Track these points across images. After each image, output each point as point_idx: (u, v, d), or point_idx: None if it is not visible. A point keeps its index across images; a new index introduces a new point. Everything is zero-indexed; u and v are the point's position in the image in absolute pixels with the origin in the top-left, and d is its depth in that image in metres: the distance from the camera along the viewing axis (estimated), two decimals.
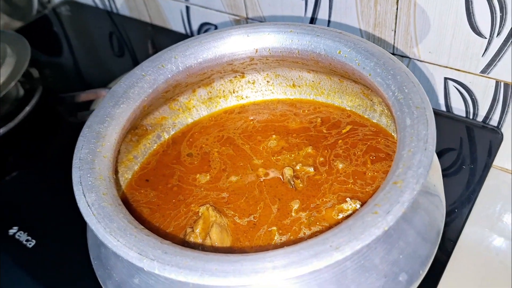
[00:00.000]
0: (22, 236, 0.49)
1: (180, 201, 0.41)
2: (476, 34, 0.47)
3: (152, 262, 0.25)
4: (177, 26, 0.78)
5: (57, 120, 0.66)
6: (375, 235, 0.26)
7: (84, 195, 0.29)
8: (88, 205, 0.29)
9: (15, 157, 0.61)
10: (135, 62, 0.75)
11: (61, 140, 0.62)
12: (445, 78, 0.54)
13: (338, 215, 0.38)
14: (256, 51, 0.42)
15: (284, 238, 0.37)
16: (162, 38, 0.78)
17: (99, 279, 0.34)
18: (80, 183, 0.30)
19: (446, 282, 0.41)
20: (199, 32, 0.76)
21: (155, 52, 0.72)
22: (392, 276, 0.30)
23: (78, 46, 0.83)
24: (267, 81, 0.49)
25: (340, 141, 0.43)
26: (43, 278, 0.46)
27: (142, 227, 0.29)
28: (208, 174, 0.43)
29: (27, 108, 0.63)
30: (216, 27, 0.72)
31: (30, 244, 0.49)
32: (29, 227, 0.50)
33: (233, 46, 0.42)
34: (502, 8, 0.44)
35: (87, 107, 0.64)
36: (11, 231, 0.50)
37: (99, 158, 0.32)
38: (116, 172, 0.36)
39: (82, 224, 0.49)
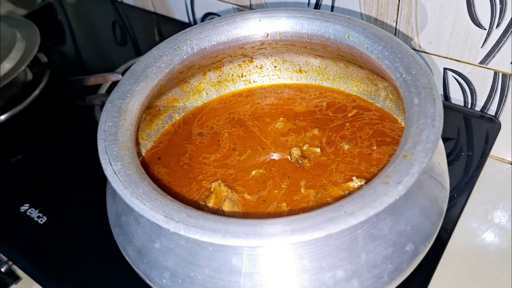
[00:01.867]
0: (33, 213, 0.51)
1: (190, 179, 0.43)
2: (476, 25, 0.49)
3: (177, 224, 0.27)
4: (181, 15, 0.79)
5: (65, 104, 0.67)
6: (387, 203, 0.27)
7: (110, 164, 0.31)
8: (115, 173, 0.30)
9: (25, 138, 0.62)
10: (137, 51, 0.76)
11: (70, 122, 0.63)
12: (445, 69, 0.55)
13: (344, 193, 0.40)
14: (267, 35, 0.44)
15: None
16: (166, 28, 0.79)
17: (119, 246, 0.35)
18: (106, 152, 0.31)
19: (445, 265, 0.43)
20: (202, 21, 0.77)
21: (161, 40, 0.74)
22: (400, 246, 0.31)
23: (81, 35, 0.84)
24: (274, 66, 0.51)
25: (348, 123, 0.45)
26: (55, 253, 0.47)
27: (165, 193, 0.30)
28: (218, 153, 0.44)
29: (36, 92, 0.63)
30: None
31: (41, 221, 0.50)
32: (40, 204, 0.51)
33: (245, 30, 0.43)
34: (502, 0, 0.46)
35: (94, 91, 0.65)
36: (22, 208, 0.51)
37: (122, 130, 0.34)
38: (137, 144, 0.38)
39: (91, 201, 0.50)
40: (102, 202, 0.44)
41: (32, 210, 0.51)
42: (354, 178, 0.40)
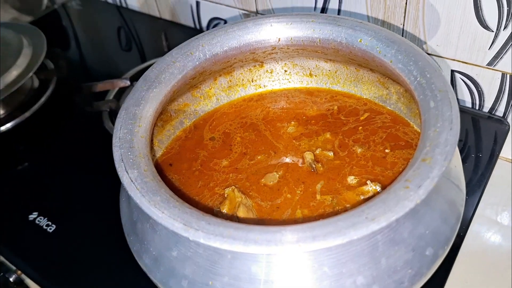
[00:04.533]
0: (42, 221, 0.50)
1: (201, 186, 0.42)
2: (483, 27, 0.49)
3: (197, 232, 0.27)
4: (187, 20, 0.79)
5: (72, 110, 0.66)
6: (408, 207, 0.27)
7: (127, 171, 0.30)
8: (131, 181, 0.30)
9: (32, 145, 0.62)
10: (143, 57, 0.76)
11: (77, 129, 0.63)
12: (452, 71, 0.55)
13: (359, 197, 0.39)
14: (279, 40, 0.44)
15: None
16: (171, 33, 0.79)
17: (134, 254, 0.35)
18: (122, 160, 0.31)
19: (457, 268, 0.43)
20: (208, 27, 0.77)
21: (167, 46, 0.74)
22: (420, 250, 0.31)
23: (86, 41, 0.84)
24: (285, 70, 0.51)
25: (360, 127, 0.45)
26: (65, 262, 0.47)
27: (183, 201, 0.30)
28: (229, 157, 0.44)
29: (43, 99, 0.63)
30: (225, 22, 0.74)
31: (50, 229, 0.49)
32: (49, 212, 0.51)
33: (257, 35, 0.43)
34: (509, 2, 0.46)
35: (102, 97, 0.65)
36: (31, 217, 0.51)
37: (137, 137, 0.34)
38: (152, 151, 0.38)
39: (101, 208, 0.50)
40: (113, 209, 0.43)
41: (41, 218, 0.51)
42: (368, 182, 0.40)
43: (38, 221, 0.51)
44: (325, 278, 0.29)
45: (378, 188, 0.39)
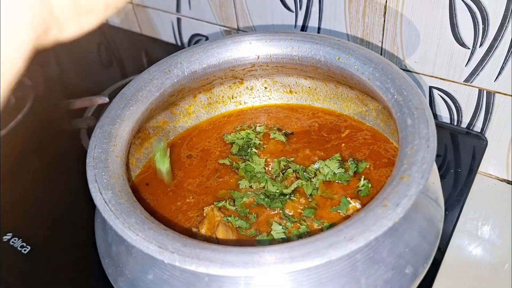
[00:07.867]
0: (17, 243, 0.49)
1: (175, 210, 0.42)
2: (459, 45, 0.50)
3: (172, 255, 0.26)
4: (168, 37, 0.79)
5: (49, 128, 0.65)
6: (387, 226, 0.27)
7: (101, 193, 0.30)
8: (105, 202, 0.29)
9: (8, 163, 0.60)
10: (123, 73, 0.76)
11: (55, 147, 0.62)
12: (430, 87, 0.56)
13: (339, 213, 0.39)
14: (258, 58, 0.44)
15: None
16: (152, 49, 0.79)
17: (109, 278, 0.34)
18: (96, 181, 0.30)
19: (441, 281, 0.43)
20: (189, 43, 0.77)
21: (148, 62, 0.74)
22: (399, 269, 0.31)
23: (65, 57, 0.83)
24: (265, 87, 0.51)
25: (343, 144, 0.45)
26: (40, 284, 0.45)
27: (158, 222, 0.29)
28: (204, 177, 0.44)
29: (19, 116, 0.62)
30: (207, 38, 0.74)
31: (25, 250, 0.48)
32: (24, 233, 0.49)
33: (236, 53, 0.43)
34: (485, 20, 0.47)
35: (80, 114, 0.64)
36: (5, 238, 0.49)
37: (112, 157, 0.33)
38: (128, 170, 0.37)
39: (76, 229, 0.49)
40: (90, 230, 0.42)
41: (15, 240, 0.49)
42: (348, 198, 0.40)
43: (12, 242, 0.49)
44: None
45: (358, 205, 0.39)
